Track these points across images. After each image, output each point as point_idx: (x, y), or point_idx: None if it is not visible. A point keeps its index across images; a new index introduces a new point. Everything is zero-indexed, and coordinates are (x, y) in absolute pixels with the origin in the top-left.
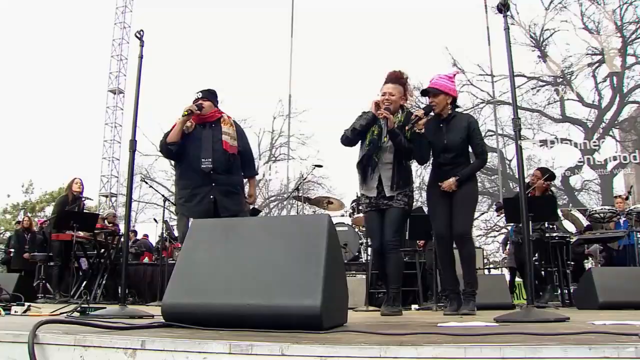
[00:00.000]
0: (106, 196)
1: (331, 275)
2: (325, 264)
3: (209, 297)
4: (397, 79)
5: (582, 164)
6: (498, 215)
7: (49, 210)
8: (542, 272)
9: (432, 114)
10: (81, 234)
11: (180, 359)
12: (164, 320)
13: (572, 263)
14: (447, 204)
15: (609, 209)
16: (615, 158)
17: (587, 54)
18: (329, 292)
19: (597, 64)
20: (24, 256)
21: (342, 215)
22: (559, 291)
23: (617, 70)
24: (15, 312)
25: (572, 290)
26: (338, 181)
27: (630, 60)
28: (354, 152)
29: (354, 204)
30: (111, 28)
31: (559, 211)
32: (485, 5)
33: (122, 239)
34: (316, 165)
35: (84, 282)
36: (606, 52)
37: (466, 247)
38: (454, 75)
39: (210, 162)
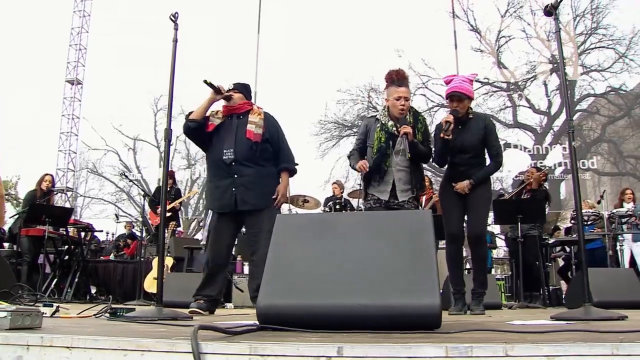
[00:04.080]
0: (62, 190)
1: None
2: (436, 262)
3: (312, 298)
4: (405, 79)
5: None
6: None
7: None
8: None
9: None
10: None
11: None
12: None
13: (550, 264)
14: (461, 205)
15: (592, 212)
16: (561, 164)
17: (542, 62)
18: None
19: (549, 73)
20: None
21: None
22: (540, 291)
23: (570, 79)
24: (43, 313)
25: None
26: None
27: (579, 70)
28: (309, 153)
29: (330, 202)
30: (70, 16)
31: None
32: (453, 12)
33: (94, 235)
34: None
35: (55, 280)
36: (558, 61)
37: (481, 249)
38: (474, 77)
39: (232, 152)
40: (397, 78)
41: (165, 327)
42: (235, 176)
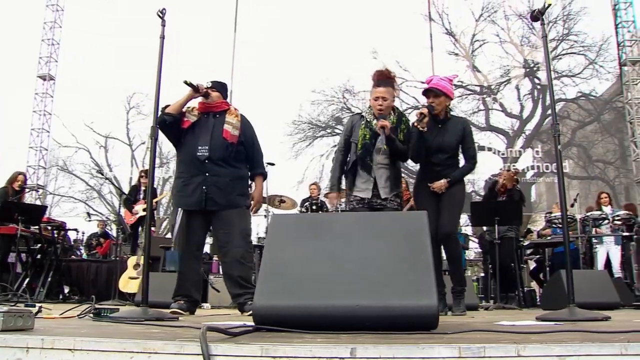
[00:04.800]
0: (33, 188)
1: None
2: (433, 263)
3: (308, 298)
4: (387, 80)
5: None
6: None
7: None
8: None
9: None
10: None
11: None
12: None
13: (523, 266)
14: (435, 204)
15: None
16: (533, 167)
17: (515, 67)
18: None
19: (522, 77)
20: None
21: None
22: (516, 292)
23: (542, 84)
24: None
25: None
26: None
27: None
28: (282, 153)
29: (306, 203)
30: (42, 9)
31: None
32: (429, 15)
33: (65, 234)
34: (268, 163)
35: (27, 280)
36: (530, 66)
37: (453, 247)
38: (454, 78)
39: (207, 149)
40: (377, 78)
41: (159, 328)
42: (207, 174)
